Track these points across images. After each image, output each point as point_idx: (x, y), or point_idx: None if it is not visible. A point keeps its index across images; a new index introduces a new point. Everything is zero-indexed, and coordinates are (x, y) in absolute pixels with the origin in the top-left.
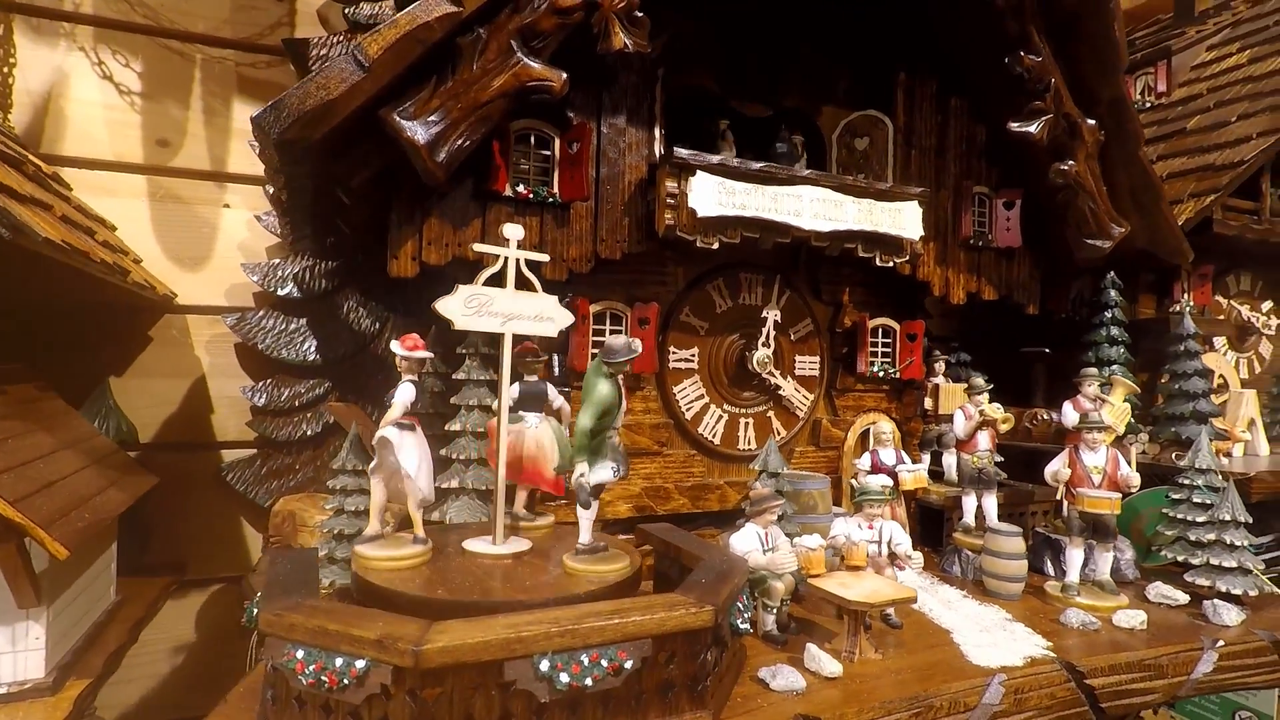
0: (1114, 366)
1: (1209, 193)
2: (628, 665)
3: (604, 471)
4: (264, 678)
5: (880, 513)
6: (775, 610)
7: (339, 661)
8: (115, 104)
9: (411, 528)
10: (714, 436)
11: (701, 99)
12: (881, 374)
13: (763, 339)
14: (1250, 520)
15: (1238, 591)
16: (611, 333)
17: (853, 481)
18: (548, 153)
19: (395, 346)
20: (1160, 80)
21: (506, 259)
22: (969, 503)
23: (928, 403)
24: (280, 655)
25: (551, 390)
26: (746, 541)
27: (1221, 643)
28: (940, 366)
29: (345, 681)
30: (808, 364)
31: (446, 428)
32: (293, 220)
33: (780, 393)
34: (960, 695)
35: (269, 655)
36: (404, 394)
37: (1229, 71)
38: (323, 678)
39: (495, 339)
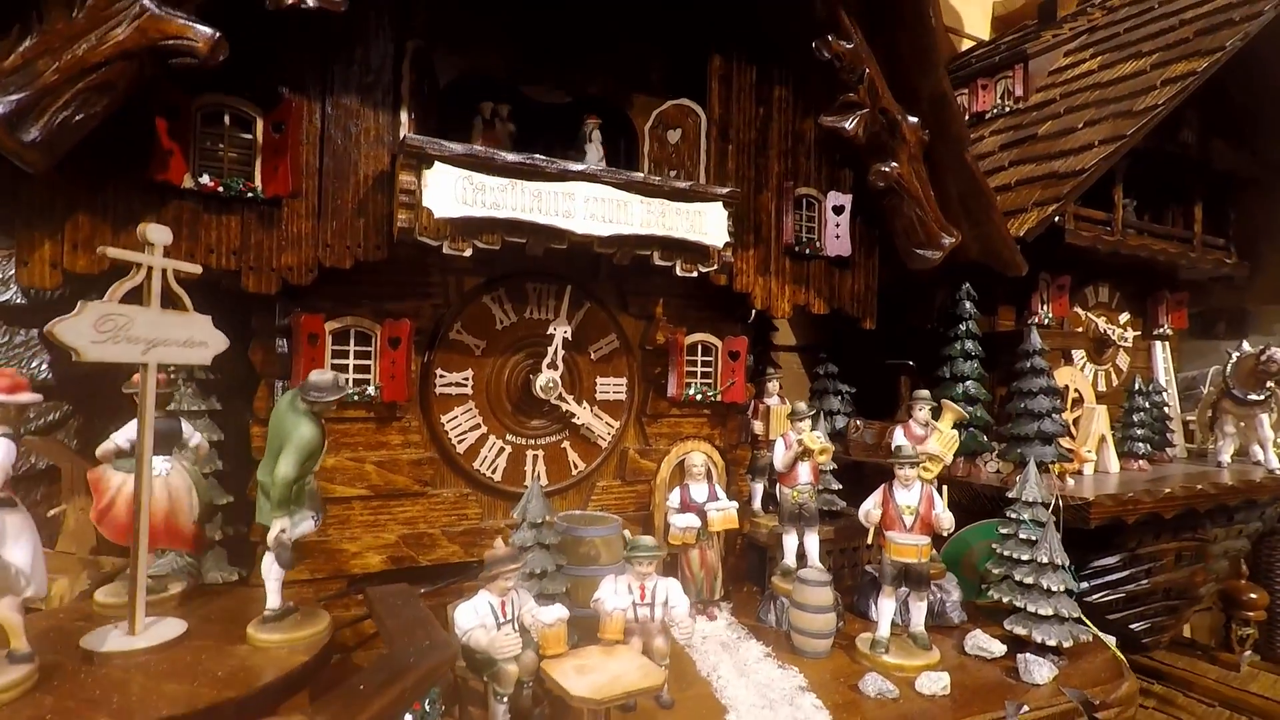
0: (966, 382)
1: (1051, 201)
2: None
3: (305, 524)
4: None
5: (650, 571)
6: (504, 699)
7: None
8: None
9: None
10: (494, 472)
11: (484, 83)
12: (699, 397)
13: (548, 360)
14: (1068, 563)
15: (1053, 642)
16: (358, 355)
17: (670, 518)
18: (250, 136)
19: None
20: (1018, 84)
21: (150, 270)
22: (789, 542)
23: (758, 427)
24: None
25: (186, 427)
26: (470, 616)
27: (1026, 708)
28: (774, 386)
29: None
30: (612, 387)
31: None
32: None
33: (576, 421)
34: None
35: None
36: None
37: (1082, 78)
38: None
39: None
